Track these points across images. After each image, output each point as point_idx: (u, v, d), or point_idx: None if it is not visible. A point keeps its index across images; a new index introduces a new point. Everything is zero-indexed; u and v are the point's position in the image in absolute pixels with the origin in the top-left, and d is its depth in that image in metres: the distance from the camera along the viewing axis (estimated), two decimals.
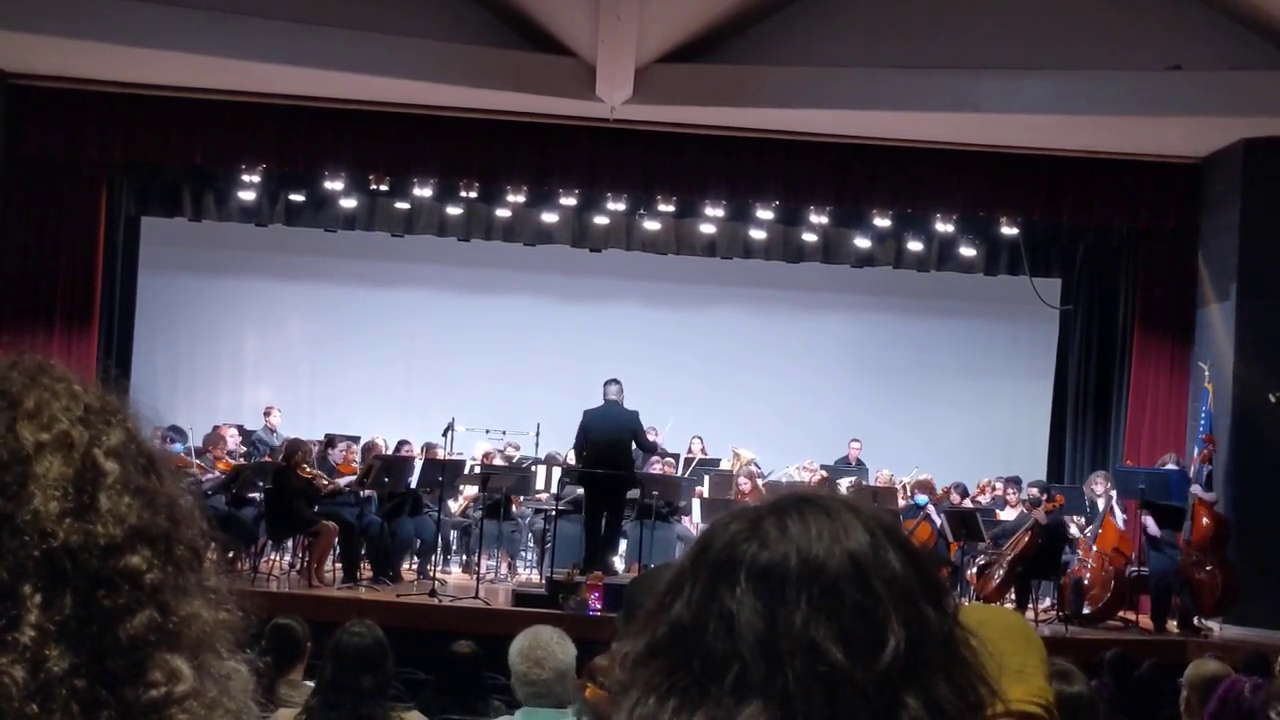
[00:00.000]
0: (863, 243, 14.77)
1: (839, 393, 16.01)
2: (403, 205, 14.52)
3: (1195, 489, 11.60)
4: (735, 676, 0.97)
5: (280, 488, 11.12)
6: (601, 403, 11.63)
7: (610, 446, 11.36)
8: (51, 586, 0.89)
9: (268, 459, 12.27)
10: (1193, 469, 11.88)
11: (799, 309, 16.10)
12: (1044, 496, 11.90)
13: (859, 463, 14.45)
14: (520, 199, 14.11)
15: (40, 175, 13.12)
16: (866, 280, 15.52)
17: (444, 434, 11.78)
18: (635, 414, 11.60)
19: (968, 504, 12.95)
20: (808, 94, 12.20)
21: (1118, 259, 14.39)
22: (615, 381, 11.66)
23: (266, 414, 13.91)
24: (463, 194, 14.05)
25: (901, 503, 12.47)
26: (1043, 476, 14.07)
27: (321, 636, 4.61)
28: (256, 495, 11.55)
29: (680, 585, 1.03)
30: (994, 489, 13.46)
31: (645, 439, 12.09)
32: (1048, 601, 12.10)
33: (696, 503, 12.88)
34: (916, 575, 1.01)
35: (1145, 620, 11.77)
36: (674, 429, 14.20)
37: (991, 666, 1.03)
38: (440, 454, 12.14)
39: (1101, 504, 11.99)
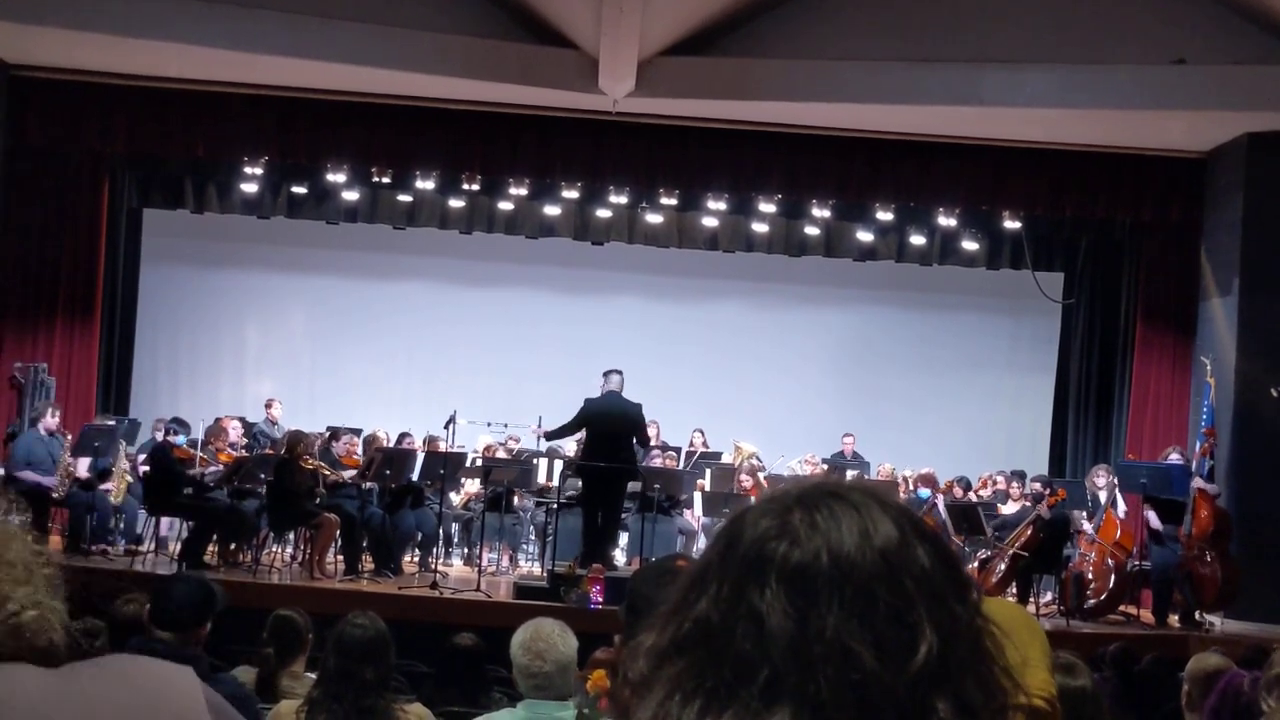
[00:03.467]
0: (865, 236, 14.74)
1: (841, 387, 16.01)
2: (405, 198, 14.50)
3: (1198, 480, 11.58)
4: (765, 680, 0.95)
5: (282, 480, 11.11)
6: (602, 393, 11.24)
7: (612, 439, 11.02)
8: None
9: (269, 451, 12.27)
10: (1194, 463, 11.87)
11: (801, 303, 16.08)
12: (1047, 491, 11.89)
13: (856, 455, 14.44)
14: (522, 192, 14.09)
15: (42, 167, 13.13)
16: (868, 274, 15.50)
17: (446, 427, 11.75)
18: (639, 406, 11.15)
19: (970, 498, 12.95)
20: (810, 87, 12.19)
21: (1120, 253, 14.37)
22: (617, 371, 11.23)
23: (268, 406, 13.92)
24: (465, 187, 14.01)
25: (903, 497, 12.45)
26: (1044, 470, 14.06)
27: (323, 629, 4.61)
28: (258, 488, 11.56)
29: (706, 581, 1.00)
30: (995, 483, 13.45)
31: (645, 434, 11.58)
32: (1049, 596, 12.10)
33: (698, 496, 12.88)
34: (944, 569, 0.99)
35: (1147, 614, 11.77)
36: (673, 425, 14.18)
37: (1014, 657, 1.02)
38: (442, 447, 12.14)
39: (1103, 498, 11.97)
